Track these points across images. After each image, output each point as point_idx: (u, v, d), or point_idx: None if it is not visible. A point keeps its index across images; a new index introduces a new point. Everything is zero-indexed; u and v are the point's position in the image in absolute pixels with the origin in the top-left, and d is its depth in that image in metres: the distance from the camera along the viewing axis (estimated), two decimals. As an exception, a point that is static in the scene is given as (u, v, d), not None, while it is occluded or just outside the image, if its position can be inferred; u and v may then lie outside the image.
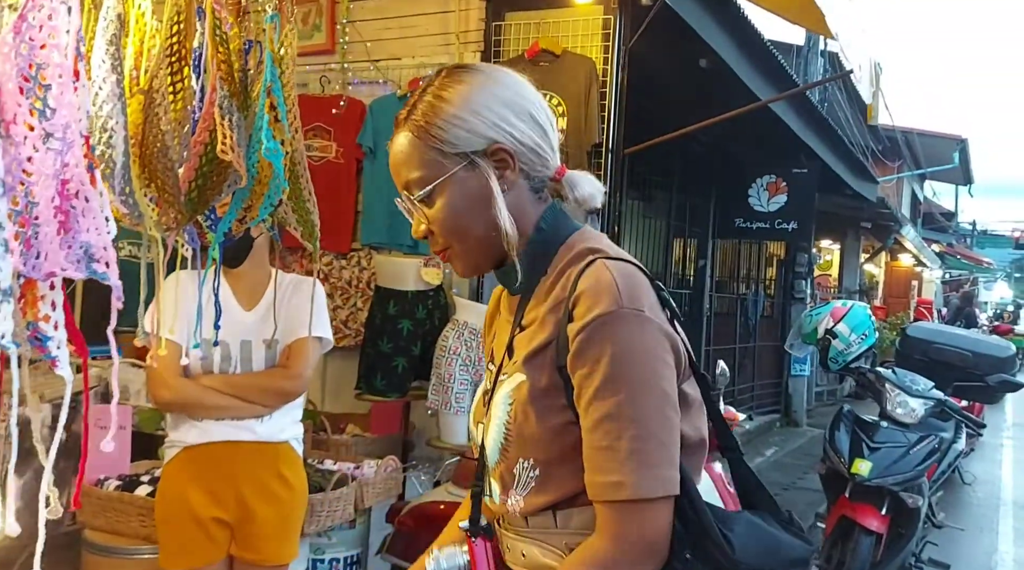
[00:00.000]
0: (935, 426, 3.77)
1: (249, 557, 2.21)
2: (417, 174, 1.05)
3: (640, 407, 0.95)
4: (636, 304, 0.98)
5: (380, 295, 3.66)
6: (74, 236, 0.85)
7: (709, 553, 0.98)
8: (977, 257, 24.47)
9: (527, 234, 1.09)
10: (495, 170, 1.05)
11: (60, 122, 0.83)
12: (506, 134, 1.05)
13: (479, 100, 1.05)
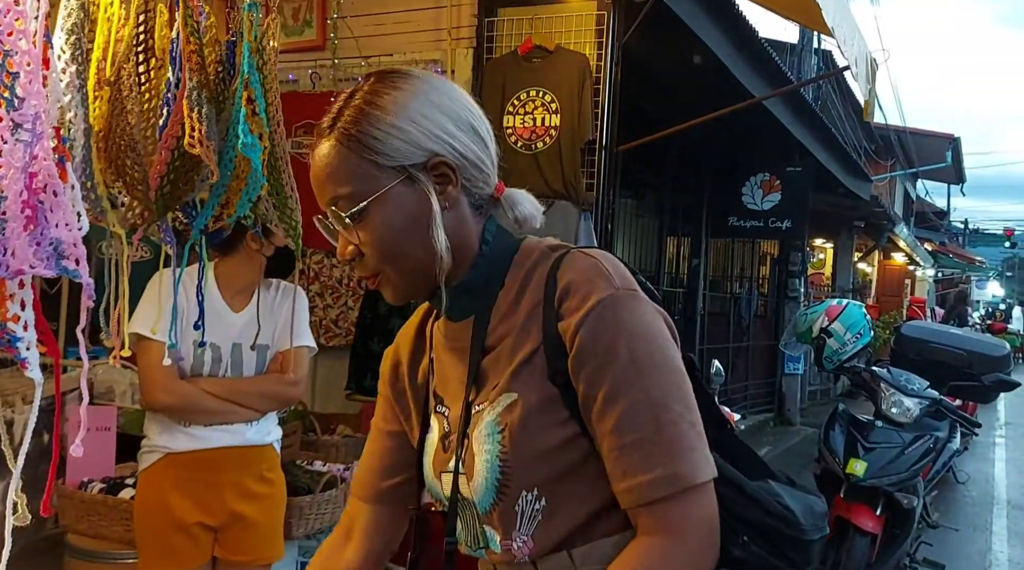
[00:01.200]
0: (930, 426, 3.75)
1: (236, 558, 2.18)
2: (347, 189, 0.94)
3: (666, 390, 0.90)
4: (629, 285, 0.94)
5: (371, 294, 3.62)
6: (43, 232, 0.81)
7: (769, 528, 0.95)
8: (970, 256, 24.54)
9: (473, 251, 0.99)
10: (435, 185, 0.95)
11: (29, 112, 0.79)
12: (447, 146, 0.95)
13: (416, 108, 0.94)
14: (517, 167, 3.53)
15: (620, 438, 0.89)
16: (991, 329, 12.77)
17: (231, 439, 2.15)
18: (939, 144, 19.59)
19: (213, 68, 1.48)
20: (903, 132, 17.79)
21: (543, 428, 0.93)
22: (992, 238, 37.39)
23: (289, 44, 4.03)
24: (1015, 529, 5.52)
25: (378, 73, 0.99)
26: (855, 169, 8.33)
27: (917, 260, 17.29)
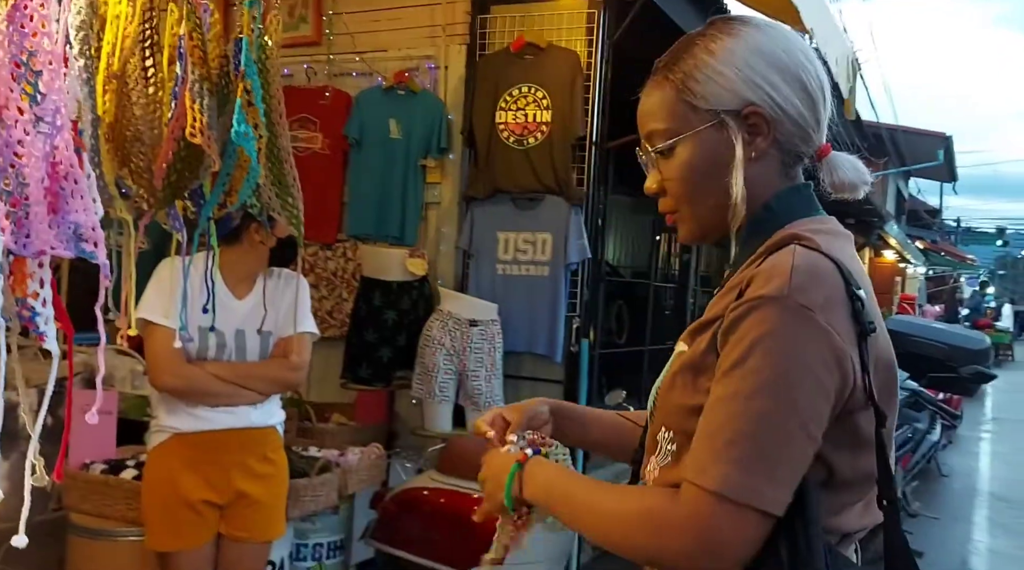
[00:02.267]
0: (909, 416, 3.85)
1: (240, 535, 2.27)
2: (662, 126, 0.98)
3: (760, 407, 0.84)
4: (805, 298, 0.86)
5: (366, 286, 3.70)
6: (63, 216, 0.89)
7: None
8: (961, 254, 24.68)
9: (755, 210, 0.98)
10: (745, 134, 0.95)
11: (50, 107, 0.87)
12: (766, 97, 0.95)
13: (744, 56, 0.95)
14: (509, 163, 3.61)
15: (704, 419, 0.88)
16: (974, 325, 12.92)
17: (236, 421, 2.24)
18: (932, 142, 19.72)
19: (217, 63, 1.56)
20: (895, 130, 17.93)
21: (686, 386, 0.95)
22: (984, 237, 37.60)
23: (285, 39, 4.10)
24: (997, 519, 5.63)
25: (720, 18, 1.01)
26: (845, 166, 8.42)
27: (908, 258, 17.43)
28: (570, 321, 3.57)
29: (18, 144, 0.84)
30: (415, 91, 3.76)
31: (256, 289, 2.26)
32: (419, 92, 3.76)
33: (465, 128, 3.73)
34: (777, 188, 0.98)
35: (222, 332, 2.20)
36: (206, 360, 2.19)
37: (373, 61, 3.91)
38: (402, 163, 3.78)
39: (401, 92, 3.77)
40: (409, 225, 3.80)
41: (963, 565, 4.62)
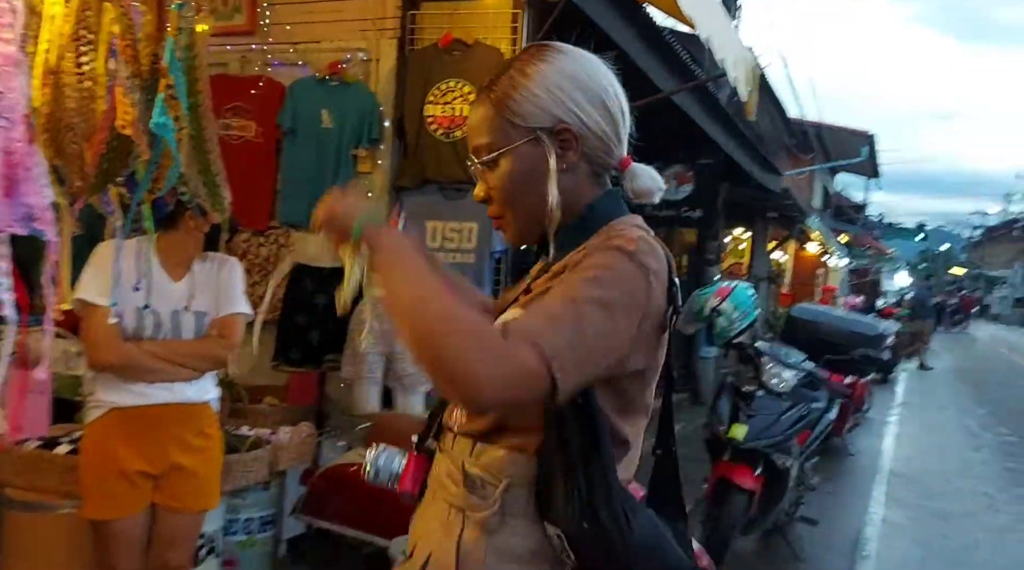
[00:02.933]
0: (807, 396, 4.16)
1: (173, 505, 2.39)
2: (485, 140, 1.11)
3: (585, 308, 0.95)
4: (647, 261, 1.01)
5: (297, 272, 3.83)
6: (18, 199, 1.03)
7: (605, 528, 0.97)
8: (881, 247, 25.83)
9: (578, 214, 1.11)
10: (557, 149, 1.08)
11: (8, 104, 1.01)
12: (574, 116, 1.08)
13: (555, 80, 1.07)
14: (437, 154, 3.78)
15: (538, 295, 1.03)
16: (880, 313, 13.63)
17: (171, 396, 2.35)
18: (855, 140, 20.57)
19: (148, 60, 1.70)
20: (821, 127, 18.64)
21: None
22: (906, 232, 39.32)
23: (219, 28, 4.17)
24: (892, 494, 6.06)
25: (535, 44, 1.14)
26: (766, 163, 8.82)
27: (831, 250, 18.18)
28: (496, 293, 3.76)
29: (-20, 137, 0.98)
30: (348, 82, 3.88)
31: (192, 271, 2.38)
32: (352, 83, 3.89)
33: (395, 120, 3.88)
34: (591, 194, 1.12)
35: (158, 312, 2.32)
36: (142, 339, 2.31)
37: (307, 52, 4.02)
38: (334, 152, 3.90)
39: (334, 83, 3.89)
40: (340, 213, 3.92)
41: (857, 534, 5.00)
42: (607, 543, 0.98)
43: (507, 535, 1.05)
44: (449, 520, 1.09)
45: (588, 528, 0.98)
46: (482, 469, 1.07)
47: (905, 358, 14.58)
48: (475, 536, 1.05)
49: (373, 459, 1.23)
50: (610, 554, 0.99)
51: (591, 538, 0.98)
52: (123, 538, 2.34)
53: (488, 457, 1.08)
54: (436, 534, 1.10)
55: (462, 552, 1.05)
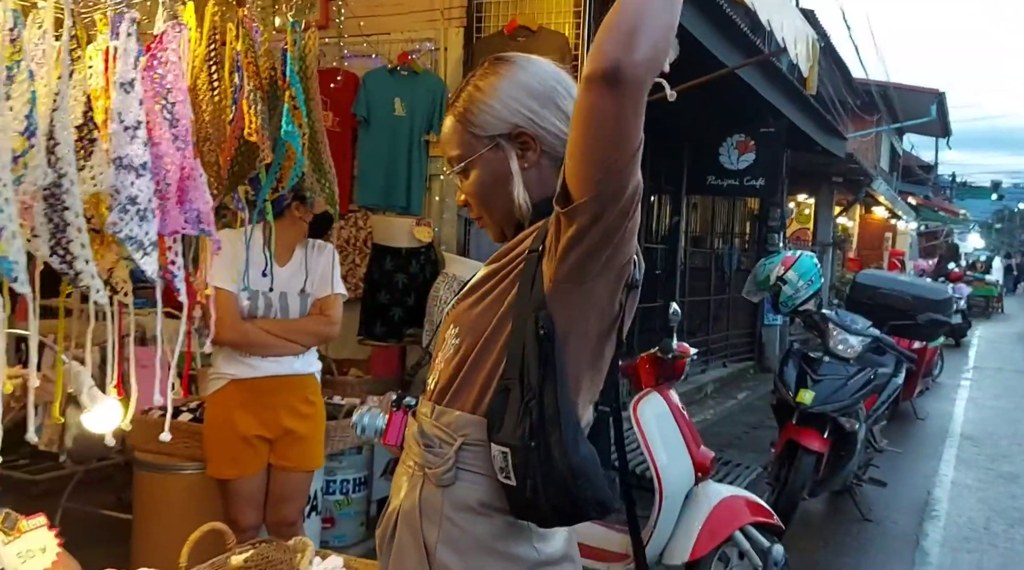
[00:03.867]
0: (874, 361, 4.24)
1: (286, 465, 2.67)
2: (455, 152, 1.21)
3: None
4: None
5: (377, 252, 4.08)
6: (189, 205, 1.26)
7: (550, 447, 1.06)
8: (952, 209, 24.99)
9: (536, 203, 1.18)
10: (517, 151, 1.17)
11: (182, 129, 1.23)
12: (528, 120, 1.16)
13: (506, 90, 1.17)
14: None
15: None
16: (948, 277, 13.29)
17: (281, 368, 2.63)
18: (924, 99, 19.89)
19: (267, 74, 1.92)
20: (887, 87, 18.10)
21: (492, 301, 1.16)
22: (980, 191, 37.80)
23: (295, 23, 4.41)
24: (962, 456, 6.08)
25: (490, 59, 1.23)
26: (829, 128, 8.73)
27: (899, 214, 17.76)
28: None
29: (163, 156, 1.20)
30: (417, 71, 4.08)
31: (296, 257, 2.64)
32: (421, 72, 4.08)
33: (465, 106, 4.06)
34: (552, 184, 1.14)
35: (268, 294, 2.59)
36: (256, 318, 2.58)
37: (378, 43, 4.23)
38: (407, 139, 4.12)
39: (404, 73, 4.09)
40: (415, 196, 4.15)
41: (926, 496, 5.07)
42: (549, 461, 1.05)
43: (461, 490, 1.14)
44: (413, 477, 1.19)
45: (535, 446, 1.05)
46: (440, 430, 1.16)
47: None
48: (432, 491, 1.15)
49: (359, 418, 1.35)
50: (550, 472, 1.06)
51: (536, 456, 1.06)
52: (244, 494, 2.64)
53: (447, 418, 1.16)
54: (404, 489, 1.20)
55: (423, 505, 1.15)
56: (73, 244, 1.13)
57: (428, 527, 1.14)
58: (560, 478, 1.06)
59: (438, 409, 1.18)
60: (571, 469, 1.06)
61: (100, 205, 1.20)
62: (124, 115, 1.16)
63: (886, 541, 4.27)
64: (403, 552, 1.16)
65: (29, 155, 1.11)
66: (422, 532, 1.14)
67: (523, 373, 1.09)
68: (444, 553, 1.12)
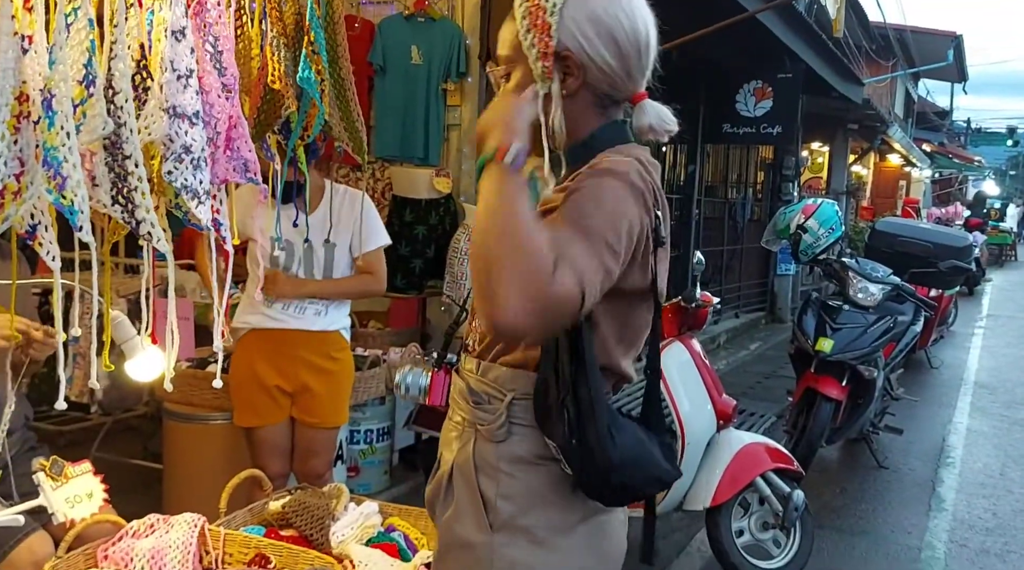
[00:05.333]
0: (893, 309, 4.23)
1: (308, 419, 2.68)
2: (504, 52, 1.18)
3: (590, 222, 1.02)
4: (637, 181, 1.08)
5: (397, 203, 4.06)
6: (236, 154, 1.25)
7: (590, 445, 1.07)
8: (968, 156, 24.68)
9: (581, 139, 1.16)
10: (559, 73, 1.12)
11: (229, 77, 1.21)
12: (579, 46, 1.11)
13: (570, 8, 1.11)
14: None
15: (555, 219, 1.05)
16: (966, 225, 13.19)
17: (300, 324, 2.61)
18: (941, 42, 19.44)
19: (293, 19, 1.88)
20: (904, 31, 17.70)
21: None
22: (995, 137, 37.21)
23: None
24: (977, 404, 6.11)
25: None
26: (847, 73, 8.57)
27: (913, 161, 17.54)
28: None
29: (213, 105, 1.19)
30: (435, 18, 4.00)
31: (323, 205, 2.59)
32: (438, 19, 4.01)
33: (483, 53, 4.00)
34: (595, 122, 1.16)
35: (292, 243, 2.55)
36: (279, 268, 2.56)
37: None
38: (424, 87, 4.06)
39: (421, 20, 4.02)
40: (433, 146, 4.10)
41: (941, 443, 5.11)
42: (591, 457, 1.08)
43: (514, 444, 1.15)
44: (464, 433, 1.19)
45: (576, 444, 1.08)
46: (488, 386, 1.17)
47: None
48: (486, 447, 1.16)
49: (402, 378, 1.37)
50: (595, 466, 1.09)
51: (579, 452, 1.08)
52: (268, 444, 2.66)
53: (493, 374, 1.17)
54: (455, 446, 1.20)
55: (478, 461, 1.16)
56: (135, 193, 1.13)
57: (485, 482, 1.15)
58: (604, 471, 1.09)
59: (484, 365, 1.18)
60: (611, 463, 1.08)
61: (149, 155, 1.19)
62: (176, 64, 1.15)
63: (902, 487, 4.32)
64: (460, 507, 1.17)
65: (88, 104, 1.10)
66: (479, 486, 1.15)
67: (557, 367, 1.09)
68: (504, 505, 1.13)
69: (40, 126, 1.10)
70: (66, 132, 1.10)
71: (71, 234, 1.20)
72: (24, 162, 1.12)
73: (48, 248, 1.15)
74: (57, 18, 1.12)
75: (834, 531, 3.69)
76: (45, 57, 1.11)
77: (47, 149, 1.10)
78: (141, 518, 1.83)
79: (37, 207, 1.14)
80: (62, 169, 1.12)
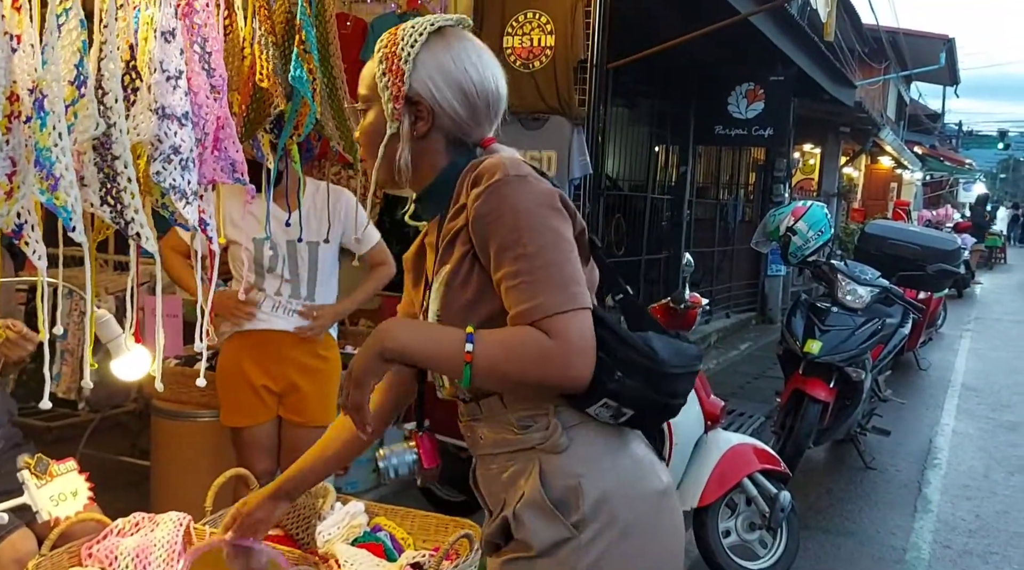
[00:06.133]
0: (881, 312, 4.26)
1: (295, 419, 2.67)
2: (363, 91, 1.27)
3: (539, 245, 1.09)
4: (520, 171, 1.14)
5: (389, 201, 4.06)
6: (223, 154, 1.25)
7: (638, 365, 1.13)
8: (959, 158, 24.78)
9: (436, 172, 1.23)
10: (411, 116, 1.20)
11: (218, 78, 1.22)
12: (429, 93, 1.19)
13: (423, 59, 1.19)
14: (516, 85, 3.89)
15: (509, 281, 1.11)
16: (956, 228, 13.26)
17: (288, 324, 2.61)
18: (933, 45, 19.54)
19: (283, 17, 1.87)
20: (896, 33, 17.78)
21: (462, 285, 1.17)
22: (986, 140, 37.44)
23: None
24: (964, 406, 6.15)
25: (432, 26, 1.22)
26: (839, 76, 8.61)
27: (905, 163, 17.62)
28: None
29: (202, 105, 1.19)
30: (427, 17, 4.00)
31: (304, 203, 2.51)
32: (430, 18, 4.00)
33: (475, 52, 3.99)
34: (443, 163, 1.24)
35: (276, 243, 2.54)
36: (263, 268, 2.55)
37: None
38: (416, 86, 4.05)
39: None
40: (424, 144, 4.09)
41: (928, 445, 5.15)
42: (647, 369, 1.14)
43: (579, 446, 1.18)
44: (519, 466, 1.20)
45: (624, 375, 1.12)
46: (525, 409, 1.19)
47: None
48: (554, 460, 1.17)
49: (385, 464, 1.35)
50: (654, 375, 1.15)
51: (633, 378, 1.13)
52: (255, 443, 2.66)
53: (512, 396, 1.19)
54: (514, 483, 1.20)
55: (547, 481, 1.17)
56: (124, 193, 1.13)
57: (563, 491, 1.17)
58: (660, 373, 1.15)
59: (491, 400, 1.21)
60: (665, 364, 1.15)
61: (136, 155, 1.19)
62: (166, 64, 1.15)
63: (889, 488, 4.35)
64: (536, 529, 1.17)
65: (79, 104, 1.10)
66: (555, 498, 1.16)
67: None
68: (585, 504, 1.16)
69: (32, 126, 1.10)
70: (58, 133, 1.10)
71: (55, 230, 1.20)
72: (16, 162, 1.12)
73: (35, 247, 1.15)
74: (48, 18, 1.12)
75: (820, 532, 3.72)
76: (33, 57, 1.12)
77: (39, 150, 1.11)
78: (127, 516, 1.83)
79: (24, 206, 1.14)
80: (54, 170, 1.12)
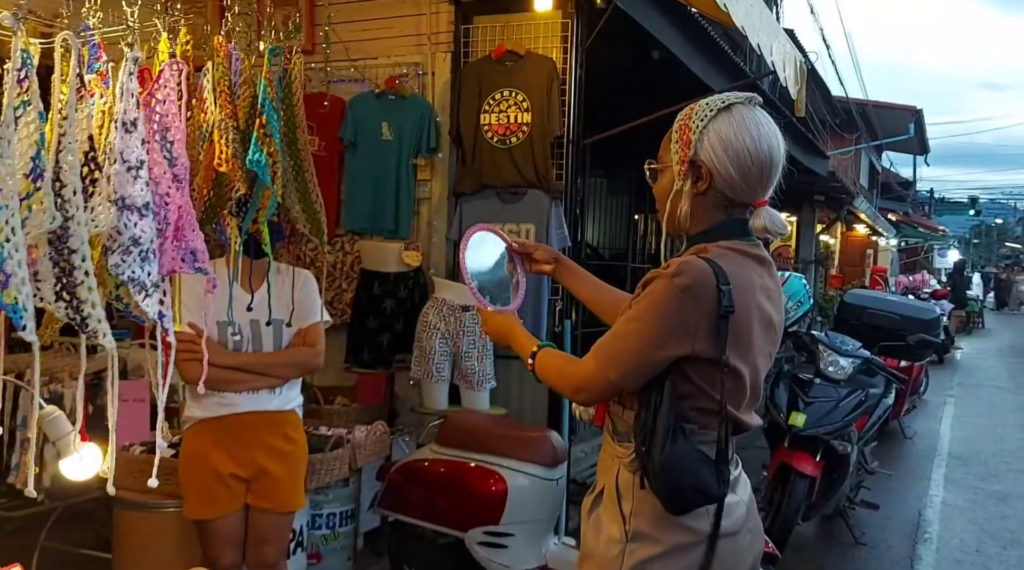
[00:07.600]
0: (864, 382, 4.23)
1: (264, 505, 2.57)
2: (661, 155, 1.54)
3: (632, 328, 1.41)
4: (681, 282, 1.37)
5: (365, 277, 4.02)
6: (185, 243, 1.21)
7: (649, 450, 1.40)
8: (932, 225, 25.25)
9: (702, 229, 1.50)
10: (693, 176, 1.48)
11: (180, 168, 1.18)
12: (710, 158, 1.45)
13: (710, 130, 1.46)
14: (493, 160, 3.92)
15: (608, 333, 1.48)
16: (933, 296, 13.40)
17: (255, 405, 2.53)
18: (902, 116, 20.13)
19: (246, 102, 1.87)
20: (866, 105, 18.31)
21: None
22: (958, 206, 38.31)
23: (279, 47, 4.36)
24: (952, 476, 6.07)
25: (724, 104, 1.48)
26: (811, 147, 8.79)
27: (880, 230, 17.90)
28: (553, 304, 3.90)
29: (165, 195, 1.15)
30: (405, 95, 4.05)
31: (265, 284, 2.50)
32: (409, 96, 4.05)
33: (452, 129, 4.04)
34: (716, 218, 1.50)
35: (238, 324, 2.48)
36: (227, 349, 2.47)
37: (365, 68, 4.19)
38: (395, 162, 4.07)
39: (392, 97, 4.05)
40: (403, 219, 4.10)
41: (918, 518, 5.05)
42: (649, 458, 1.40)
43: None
44: (610, 464, 1.53)
45: (644, 450, 1.41)
46: (624, 425, 1.50)
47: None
48: (626, 475, 1.48)
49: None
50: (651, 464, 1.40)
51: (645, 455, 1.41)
52: (222, 535, 2.54)
53: (627, 415, 1.49)
54: (605, 474, 1.54)
55: (620, 487, 1.48)
56: (80, 288, 1.09)
57: (624, 502, 1.47)
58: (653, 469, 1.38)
59: (621, 409, 1.50)
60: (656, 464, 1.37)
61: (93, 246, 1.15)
62: (126, 155, 1.12)
63: (880, 565, 4.23)
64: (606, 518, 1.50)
65: (34, 198, 1.07)
66: (619, 505, 1.47)
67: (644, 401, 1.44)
68: (636, 521, 1.45)
69: (-17, 222, 1.06)
70: (11, 228, 1.07)
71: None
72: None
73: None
74: (5, 111, 1.09)
75: (813, 614, 3.59)
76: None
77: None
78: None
79: (-28, 301, 1.08)
80: (6, 266, 1.07)
